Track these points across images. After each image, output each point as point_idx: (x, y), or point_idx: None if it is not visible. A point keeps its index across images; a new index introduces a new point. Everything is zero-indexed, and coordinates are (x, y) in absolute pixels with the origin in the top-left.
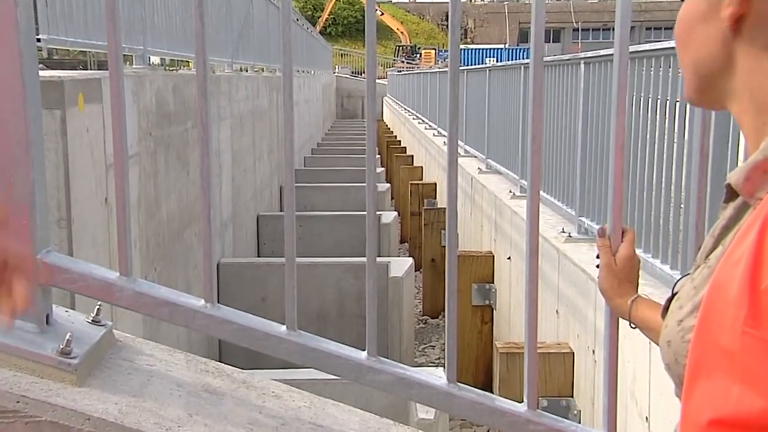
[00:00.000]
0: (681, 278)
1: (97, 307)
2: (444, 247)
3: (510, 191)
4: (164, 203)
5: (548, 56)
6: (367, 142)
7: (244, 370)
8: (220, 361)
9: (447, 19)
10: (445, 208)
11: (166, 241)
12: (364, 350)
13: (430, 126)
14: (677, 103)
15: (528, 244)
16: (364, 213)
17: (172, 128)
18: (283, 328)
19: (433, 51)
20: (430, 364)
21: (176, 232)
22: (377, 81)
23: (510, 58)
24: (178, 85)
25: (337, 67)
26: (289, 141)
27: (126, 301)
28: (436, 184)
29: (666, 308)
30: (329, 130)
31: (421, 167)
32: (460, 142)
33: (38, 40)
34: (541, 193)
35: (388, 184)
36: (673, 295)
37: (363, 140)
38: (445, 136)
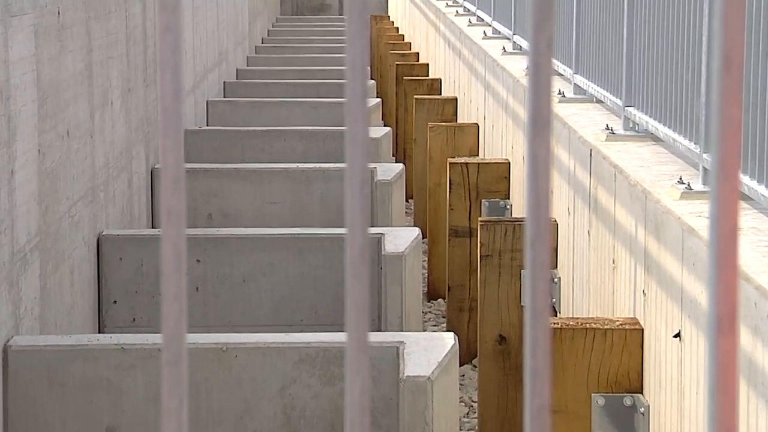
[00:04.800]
0: None
1: None
2: (524, 308)
3: (679, 179)
4: None
5: None
6: (346, 72)
7: None
8: None
9: None
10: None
11: None
12: None
13: (495, 31)
14: None
15: (713, 304)
16: (341, 231)
17: None
18: None
19: None
20: None
21: None
22: None
23: None
24: None
25: None
26: (170, 67)
27: None
28: (508, 163)
29: None
30: (264, 40)
31: (476, 126)
32: (562, 68)
33: None
34: (746, 180)
35: (401, 165)
36: None
37: (338, 65)
38: (525, 53)
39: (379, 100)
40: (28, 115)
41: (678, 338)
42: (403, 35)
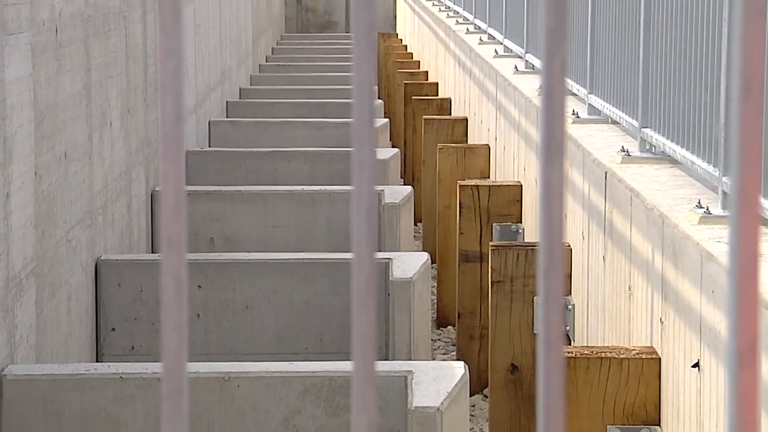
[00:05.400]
0: None
1: None
2: (537, 335)
3: (698, 203)
4: None
5: None
6: (353, 95)
7: None
8: None
9: None
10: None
11: None
12: None
13: (506, 50)
14: None
15: (733, 335)
16: (348, 256)
17: None
18: None
19: None
20: None
21: None
22: None
23: None
24: None
25: None
26: (172, 91)
27: None
28: (520, 186)
29: None
30: (269, 58)
31: (487, 147)
32: (576, 88)
33: None
34: (766, 205)
35: (409, 188)
36: None
37: (345, 84)
38: (538, 72)
39: (386, 120)
40: (24, 136)
41: (697, 368)
42: (411, 53)
